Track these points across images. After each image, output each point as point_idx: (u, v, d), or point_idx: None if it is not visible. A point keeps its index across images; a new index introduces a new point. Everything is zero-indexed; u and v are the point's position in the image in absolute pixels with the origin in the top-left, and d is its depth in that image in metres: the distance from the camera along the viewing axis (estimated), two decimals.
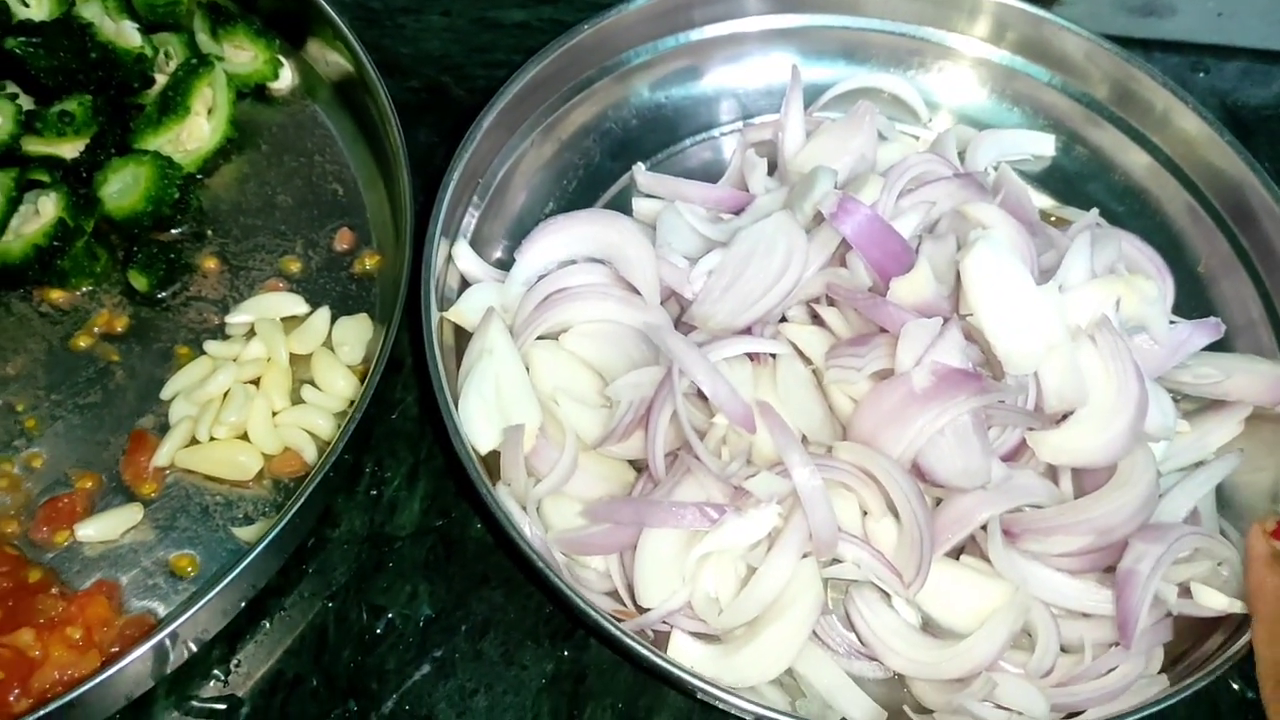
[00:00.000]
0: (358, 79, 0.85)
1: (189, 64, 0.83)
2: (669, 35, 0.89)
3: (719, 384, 0.67)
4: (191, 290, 0.80)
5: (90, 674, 0.61)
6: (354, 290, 0.81)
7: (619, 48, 0.87)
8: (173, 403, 0.74)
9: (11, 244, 0.76)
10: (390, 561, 0.72)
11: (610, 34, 0.86)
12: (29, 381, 0.75)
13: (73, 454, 0.73)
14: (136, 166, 0.79)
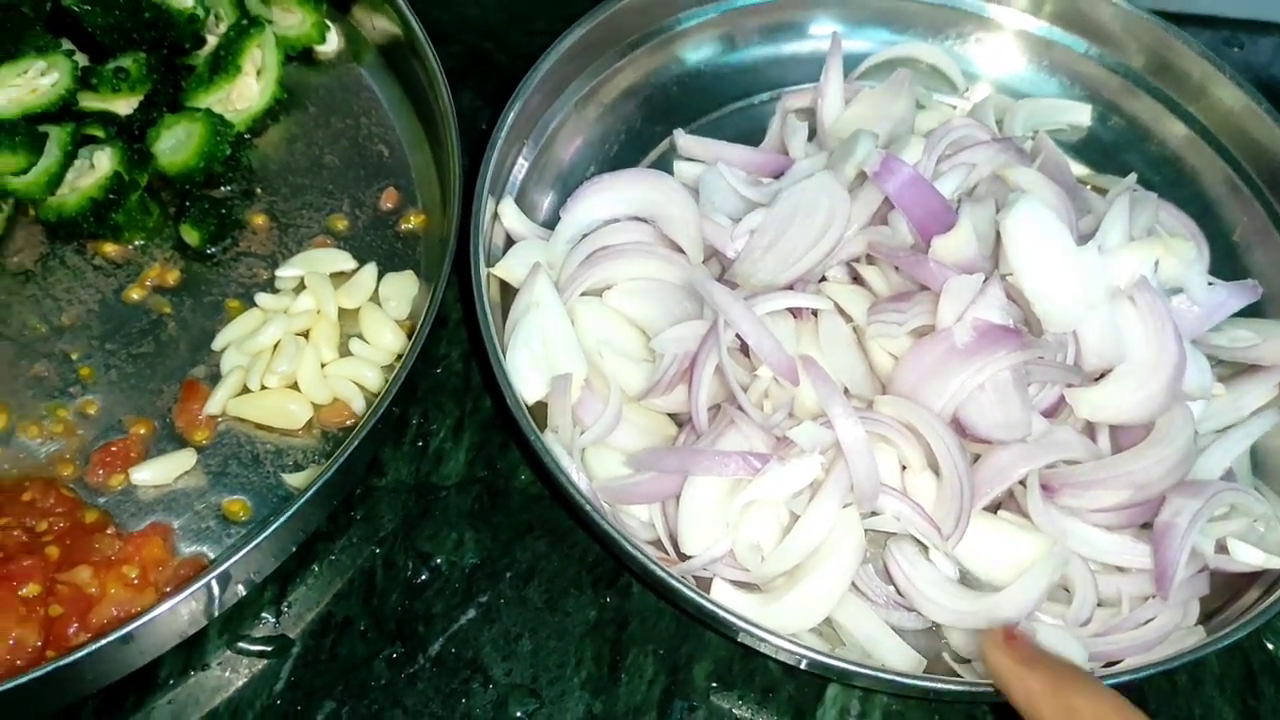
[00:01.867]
0: (405, 43, 0.86)
1: (240, 25, 0.84)
2: (709, 3, 0.90)
3: (764, 336, 0.68)
4: (241, 246, 0.81)
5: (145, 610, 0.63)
6: (399, 248, 0.82)
7: (661, 14, 0.89)
8: (224, 353, 0.76)
9: (67, 197, 0.78)
10: (436, 510, 0.73)
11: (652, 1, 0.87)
12: (83, 331, 0.77)
13: (126, 402, 0.74)
14: (189, 123, 0.81)
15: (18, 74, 0.77)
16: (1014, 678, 0.59)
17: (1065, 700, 0.56)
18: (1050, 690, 0.57)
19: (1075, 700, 0.56)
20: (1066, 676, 0.58)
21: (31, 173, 0.77)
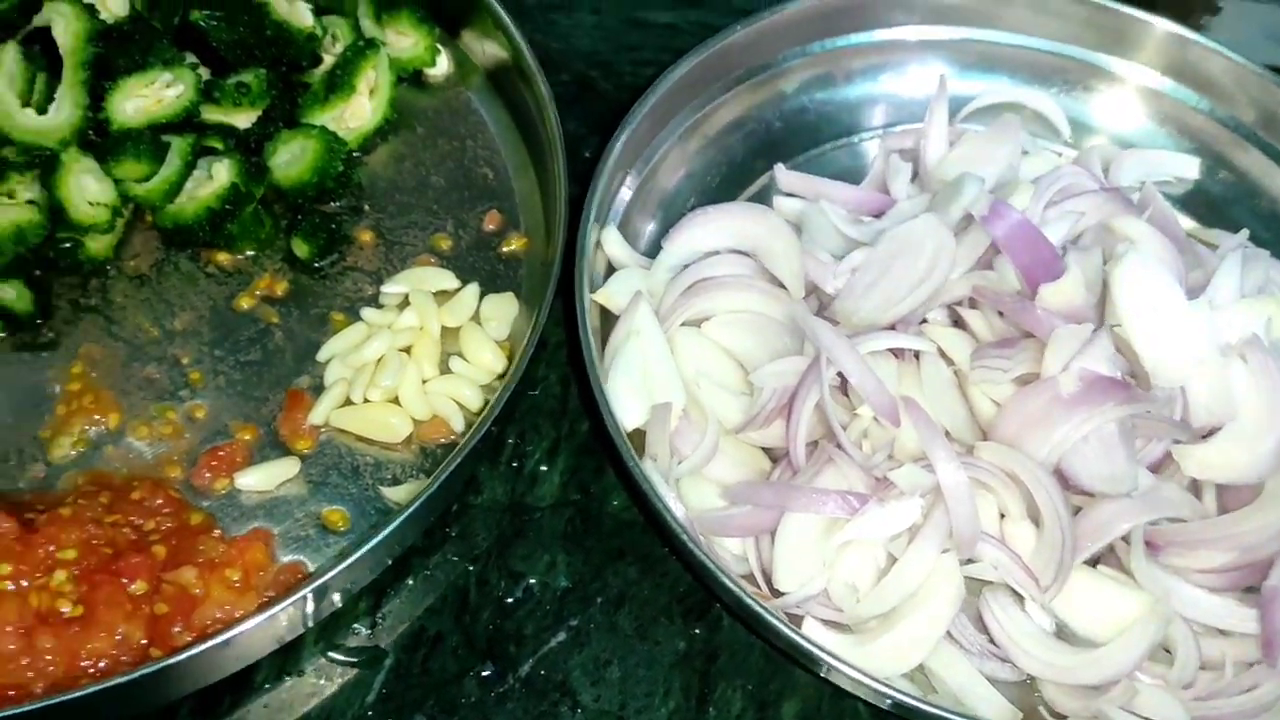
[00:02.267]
0: (514, 68, 0.88)
1: (356, 46, 0.86)
2: (815, 41, 0.91)
3: (867, 375, 0.68)
4: (348, 261, 0.83)
5: (248, 614, 0.64)
6: (501, 270, 0.83)
7: (767, 51, 0.89)
8: (328, 365, 0.77)
9: (185, 205, 0.80)
10: (530, 531, 0.73)
11: (759, 37, 0.88)
12: (194, 337, 0.79)
13: (233, 408, 0.76)
14: (305, 139, 0.83)
15: (145, 85, 0.79)
16: None
17: None
18: None
19: None
20: None
21: (153, 180, 0.79)
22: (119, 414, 0.75)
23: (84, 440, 0.74)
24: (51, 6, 0.79)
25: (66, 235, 0.78)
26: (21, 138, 0.77)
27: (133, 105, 0.79)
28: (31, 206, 0.77)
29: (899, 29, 0.92)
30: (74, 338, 0.78)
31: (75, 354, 0.77)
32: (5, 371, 0.76)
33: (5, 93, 0.77)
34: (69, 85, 0.78)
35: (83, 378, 0.76)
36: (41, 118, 0.78)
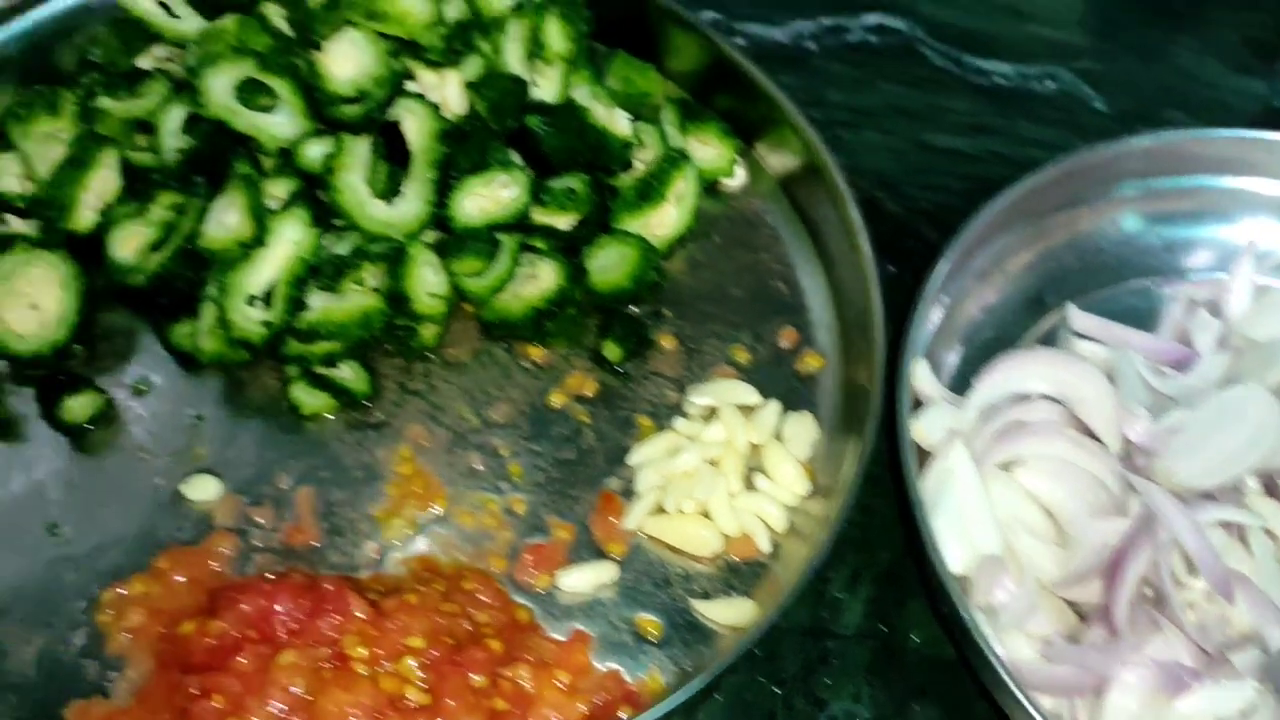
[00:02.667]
0: (813, 184, 0.90)
1: (670, 157, 0.90)
2: (1120, 181, 0.92)
3: (1204, 549, 0.69)
4: (650, 365, 0.86)
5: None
6: (797, 387, 0.85)
7: (1071, 190, 0.90)
8: (639, 470, 0.80)
9: (511, 302, 0.84)
10: (834, 659, 0.75)
11: (1066, 175, 0.89)
12: (512, 429, 0.82)
13: (550, 504, 0.79)
14: (623, 246, 0.86)
15: (485, 185, 0.84)
16: None
17: None
18: None
19: None
20: None
21: (485, 277, 0.83)
22: (444, 500, 0.79)
23: (413, 524, 0.78)
24: (404, 104, 0.83)
25: (403, 323, 0.83)
26: (369, 227, 0.82)
27: (473, 204, 0.84)
28: (376, 294, 0.82)
29: (1205, 177, 0.92)
30: (401, 420, 0.82)
31: (403, 436, 0.82)
32: (339, 448, 0.81)
33: (359, 183, 0.82)
34: (418, 181, 0.83)
35: (411, 461, 0.81)
36: (390, 210, 0.82)
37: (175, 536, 0.77)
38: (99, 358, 0.84)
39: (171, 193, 0.83)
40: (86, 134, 0.82)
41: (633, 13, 0.98)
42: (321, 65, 0.80)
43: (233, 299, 0.78)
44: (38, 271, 0.82)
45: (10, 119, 0.81)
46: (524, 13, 0.87)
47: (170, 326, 0.82)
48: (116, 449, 0.80)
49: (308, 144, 0.82)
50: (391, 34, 0.82)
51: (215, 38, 0.83)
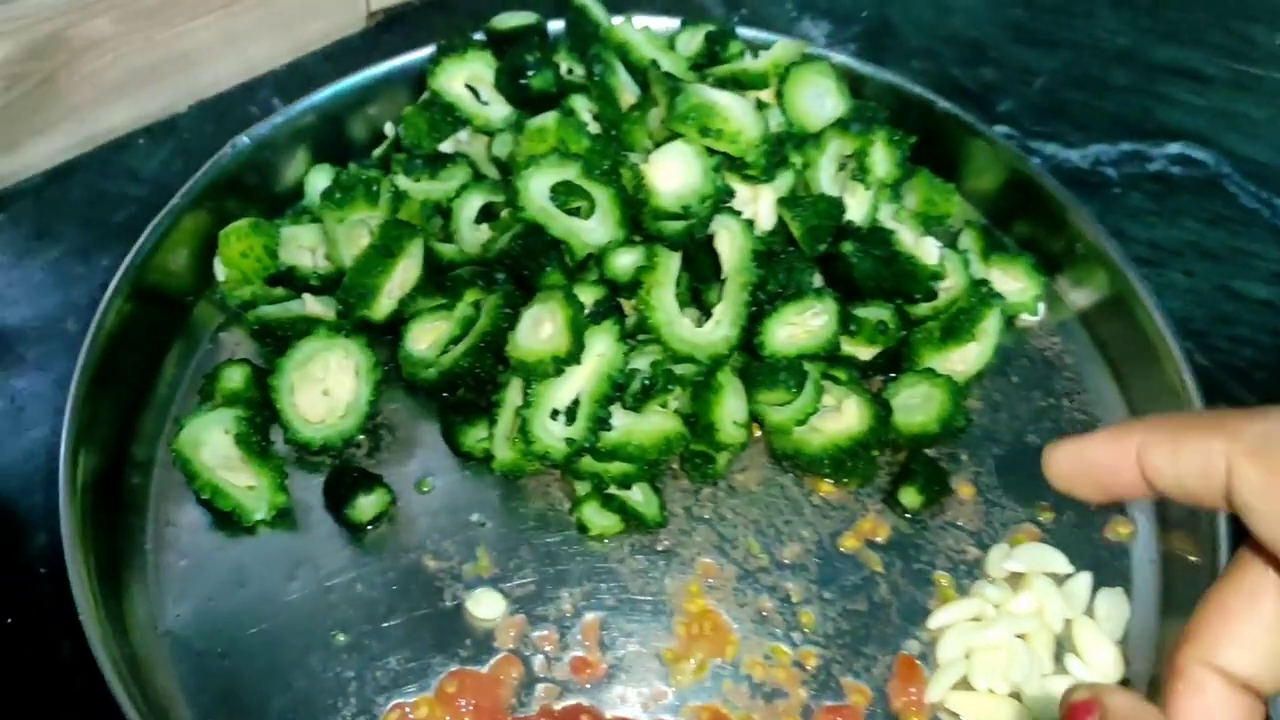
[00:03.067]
0: (1122, 325, 0.85)
1: (981, 293, 0.84)
2: None
3: None
4: (947, 514, 0.81)
5: None
6: (1104, 556, 0.80)
7: None
8: (941, 636, 0.75)
9: (811, 437, 0.80)
10: None
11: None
12: (802, 572, 0.78)
13: (844, 661, 0.75)
14: (930, 386, 0.82)
15: (798, 313, 0.80)
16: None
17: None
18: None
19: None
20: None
21: (789, 408, 0.79)
22: (735, 645, 0.75)
23: (703, 669, 0.74)
24: (721, 220, 0.80)
25: (700, 449, 0.79)
26: (676, 347, 0.78)
27: (786, 332, 0.80)
28: (678, 417, 0.78)
29: None
30: (689, 549, 0.79)
31: (692, 568, 0.78)
32: (625, 574, 0.78)
33: (670, 300, 0.79)
34: (731, 303, 0.79)
35: (700, 598, 0.77)
36: (699, 331, 0.79)
37: (456, 654, 0.74)
38: (381, 449, 0.82)
39: (476, 289, 0.81)
40: (394, 222, 0.80)
41: (929, 125, 0.93)
42: (649, 179, 0.77)
43: (537, 412, 0.75)
44: (335, 358, 0.80)
45: (328, 204, 0.79)
46: (847, 133, 0.83)
47: (461, 428, 0.80)
48: (398, 550, 0.78)
49: (618, 253, 0.80)
50: (719, 150, 0.79)
51: (536, 137, 0.81)
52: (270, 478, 0.77)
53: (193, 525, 0.78)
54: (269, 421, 0.80)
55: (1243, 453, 0.40)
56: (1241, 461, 0.40)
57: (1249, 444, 0.40)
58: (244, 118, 1.02)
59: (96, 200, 0.96)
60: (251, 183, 0.89)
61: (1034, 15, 1.13)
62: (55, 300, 0.90)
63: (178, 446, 0.77)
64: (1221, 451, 0.41)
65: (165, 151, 0.99)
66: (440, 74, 0.86)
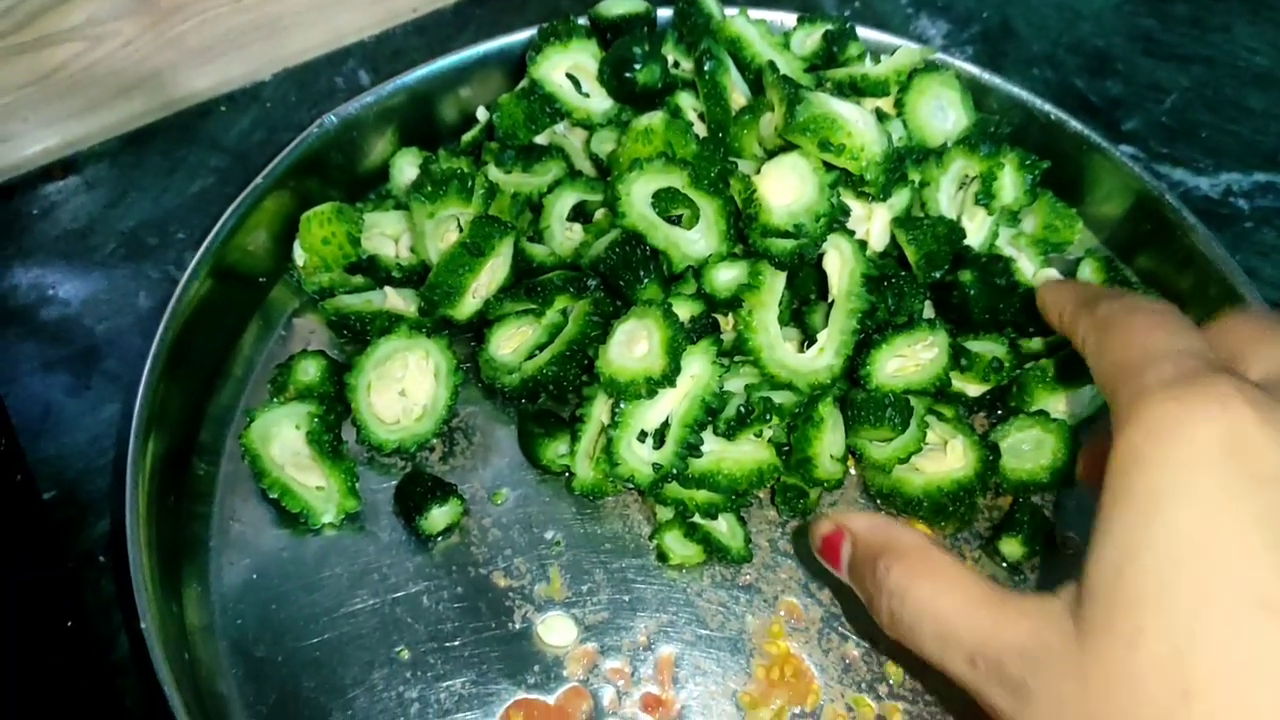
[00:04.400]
0: None
1: None
2: None
3: None
4: (1050, 568, 0.76)
5: None
6: None
7: None
8: None
9: (911, 477, 0.75)
10: None
11: None
12: None
13: (927, 715, 0.70)
14: (1043, 431, 0.76)
15: (908, 344, 0.74)
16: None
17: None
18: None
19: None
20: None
21: (891, 445, 0.74)
22: (817, 694, 0.71)
23: (781, 715, 0.70)
24: (832, 239, 0.75)
25: (793, 483, 0.75)
26: (775, 373, 0.73)
27: (894, 365, 0.75)
28: (771, 449, 0.74)
29: None
30: (772, 587, 0.74)
31: (774, 607, 0.74)
32: (704, 607, 0.73)
33: (772, 322, 0.74)
34: (838, 330, 0.74)
35: (782, 639, 0.73)
36: (801, 357, 0.74)
37: (524, 681, 0.71)
38: (455, 454, 0.79)
39: (567, 296, 0.76)
40: (486, 218, 0.76)
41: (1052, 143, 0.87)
42: (761, 192, 0.72)
43: (625, 433, 0.71)
44: (415, 359, 0.76)
45: (418, 197, 0.75)
46: (975, 153, 0.77)
47: (541, 441, 0.76)
48: (467, 564, 0.74)
49: (719, 268, 0.75)
50: (839, 165, 0.73)
51: (641, 138, 0.76)
52: (341, 480, 0.74)
53: (257, 521, 0.75)
54: (341, 418, 0.77)
55: (1092, 324, 0.55)
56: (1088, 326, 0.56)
57: (1099, 318, 0.55)
58: (328, 89, 0.98)
59: (174, 168, 0.93)
60: (335, 163, 0.85)
61: (1166, 27, 1.05)
62: (127, 272, 0.87)
63: (247, 440, 0.74)
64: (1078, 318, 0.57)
65: (247, 120, 0.96)
66: (542, 62, 0.81)
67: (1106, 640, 0.45)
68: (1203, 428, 0.45)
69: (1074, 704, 0.45)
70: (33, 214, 0.89)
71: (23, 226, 0.89)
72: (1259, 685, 0.41)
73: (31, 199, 0.90)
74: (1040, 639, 0.47)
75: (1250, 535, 0.43)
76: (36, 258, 0.87)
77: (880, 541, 0.56)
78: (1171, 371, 0.47)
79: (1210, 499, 0.44)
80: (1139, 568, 0.44)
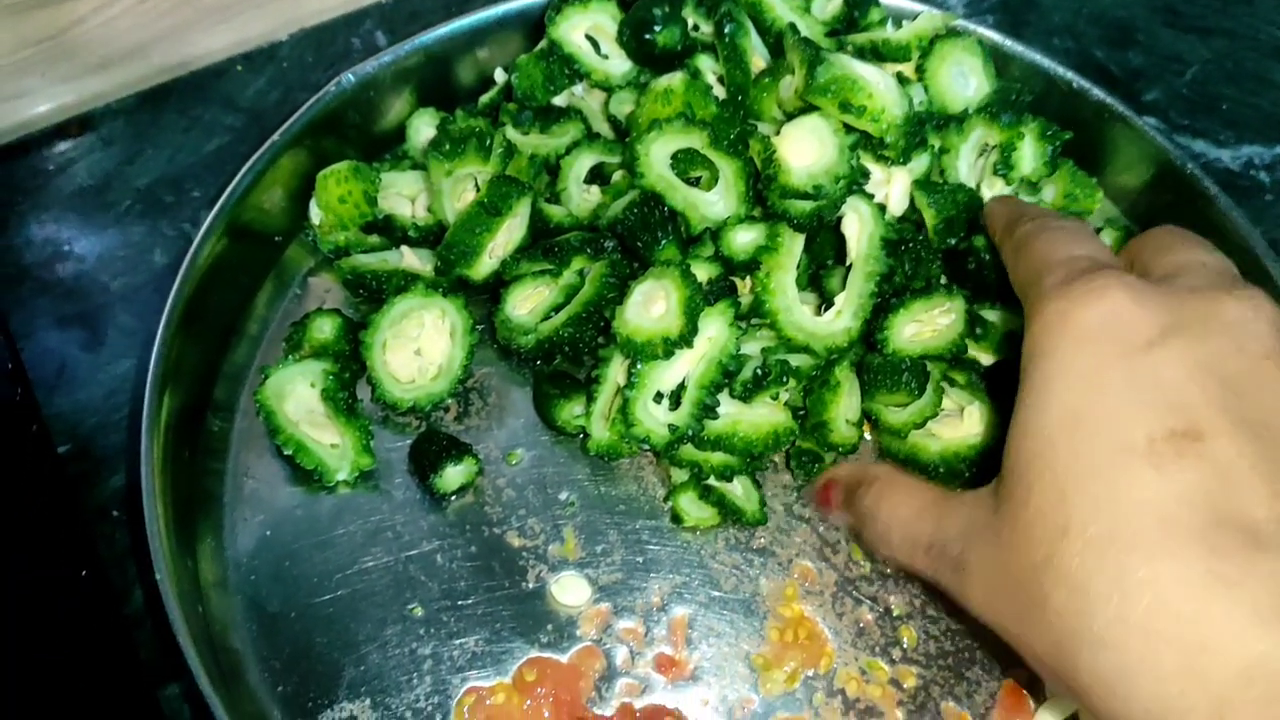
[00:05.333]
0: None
1: None
2: None
3: None
4: None
5: None
6: None
7: None
8: None
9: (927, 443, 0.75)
10: None
11: None
12: (905, 585, 0.73)
13: (944, 684, 0.70)
14: None
15: (926, 309, 0.74)
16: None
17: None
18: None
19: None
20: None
21: (908, 410, 0.74)
22: (830, 656, 0.71)
23: (794, 679, 0.70)
24: (852, 202, 0.74)
25: (808, 448, 0.75)
26: (792, 335, 0.73)
27: (911, 329, 0.74)
28: (787, 412, 0.73)
29: None
30: (786, 550, 0.74)
31: (788, 571, 0.74)
32: (717, 569, 0.73)
33: (790, 284, 0.74)
34: (855, 294, 0.74)
35: (796, 602, 0.72)
36: (818, 321, 0.74)
37: (537, 639, 0.71)
38: (469, 415, 0.78)
39: (584, 257, 0.76)
40: (504, 178, 0.76)
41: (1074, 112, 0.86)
42: (781, 153, 0.72)
43: (640, 394, 0.71)
44: (431, 318, 0.76)
45: (436, 155, 0.75)
46: (996, 122, 0.77)
47: (557, 402, 0.76)
48: (481, 523, 0.74)
49: (737, 230, 0.74)
50: (859, 128, 0.73)
51: (661, 99, 0.75)
52: (355, 438, 0.74)
53: (271, 478, 0.75)
54: (356, 377, 0.77)
55: (1011, 244, 0.64)
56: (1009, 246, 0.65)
57: (1016, 239, 0.63)
58: (345, 49, 0.98)
59: (190, 127, 0.92)
60: (351, 122, 0.84)
61: None
62: (142, 229, 0.87)
63: (262, 397, 0.74)
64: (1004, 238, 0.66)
65: (262, 80, 0.95)
66: (562, 22, 0.80)
67: (1010, 505, 0.53)
68: (1084, 314, 0.52)
69: (994, 564, 0.54)
70: (48, 170, 0.89)
71: (38, 183, 0.88)
72: (1126, 516, 0.48)
73: (47, 155, 0.90)
74: (972, 519, 0.56)
75: (1121, 395, 0.50)
76: (52, 214, 0.87)
77: (856, 477, 0.68)
78: (1063, 274, 0.55)
79: (1088, 370, 0.51)
80: (1032, 439, 0.52)
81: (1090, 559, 0.48)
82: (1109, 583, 0.47)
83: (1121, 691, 0.47)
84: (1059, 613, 0.49)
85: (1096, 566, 0.48)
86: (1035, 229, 0.62)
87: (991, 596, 0.54)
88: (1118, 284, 0.53)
